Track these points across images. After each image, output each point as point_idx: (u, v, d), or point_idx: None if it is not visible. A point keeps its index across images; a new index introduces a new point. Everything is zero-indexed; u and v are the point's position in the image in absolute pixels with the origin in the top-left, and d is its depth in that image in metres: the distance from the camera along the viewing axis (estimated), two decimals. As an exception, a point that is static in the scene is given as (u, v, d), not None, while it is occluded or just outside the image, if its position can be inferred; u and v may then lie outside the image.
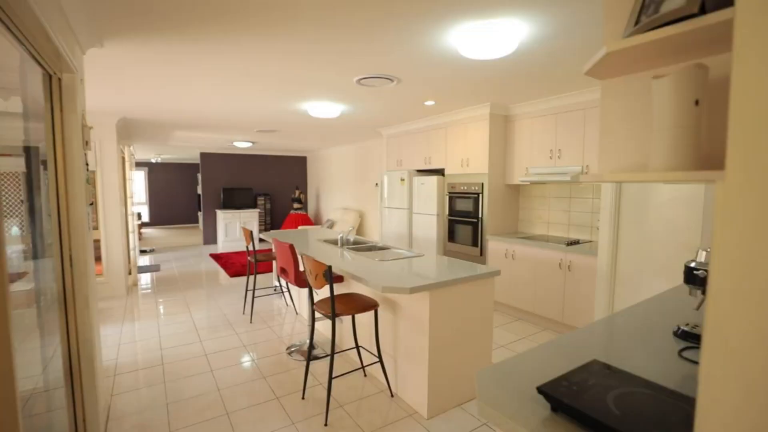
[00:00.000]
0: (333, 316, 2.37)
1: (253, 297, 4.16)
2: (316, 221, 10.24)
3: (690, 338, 1.45)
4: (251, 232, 4.04)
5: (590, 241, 3.89)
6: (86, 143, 2.07)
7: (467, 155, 4.63)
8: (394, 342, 2.67)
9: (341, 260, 2.98)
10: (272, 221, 10.20)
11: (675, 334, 1.50)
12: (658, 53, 0.91)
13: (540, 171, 4.08)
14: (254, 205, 9.79)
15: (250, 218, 9.19)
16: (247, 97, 3.93)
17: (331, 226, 8.35)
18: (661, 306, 1.80)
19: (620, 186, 3.14)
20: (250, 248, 5.30)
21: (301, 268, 3.96)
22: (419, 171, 5.59)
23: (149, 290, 5.40)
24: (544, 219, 4.46)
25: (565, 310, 3.65)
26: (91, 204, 2.32)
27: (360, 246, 3.69)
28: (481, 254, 4.50)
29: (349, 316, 3.21)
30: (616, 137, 1.09)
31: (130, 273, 5.74)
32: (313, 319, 2.80)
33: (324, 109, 4.31)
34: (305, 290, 4.02)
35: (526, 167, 4.26)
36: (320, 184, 10.06)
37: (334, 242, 4.00)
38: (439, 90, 3.69)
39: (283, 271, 3.22)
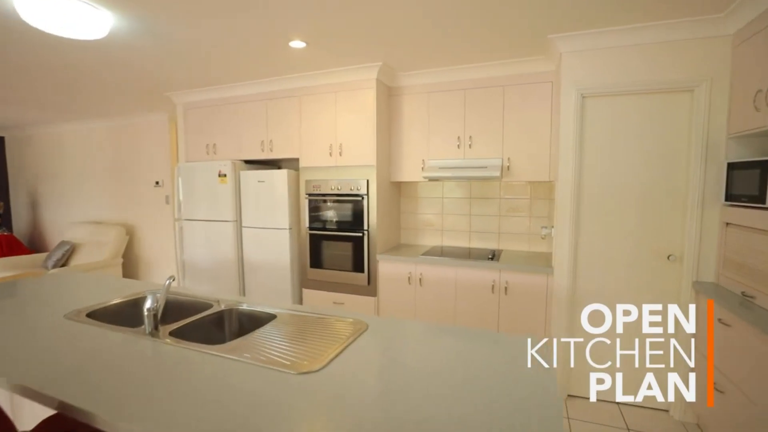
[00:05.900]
0: None
1: None
2: (37, 246, 6.24)
3: None
4: None
5: (502, 251, 3.18)
6: None
7: (339, 139, 3.16)
8: None
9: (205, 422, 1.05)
10: (-74, 253, 5.53)
11: None
12: None
13: (446, 164, 3.07)
14: None
15: None
16: None
17: (70, 253, 5.05)
18: None
19: (581, 182, 2.46)
20: None
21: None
22: (250, 162, 3.68)
23: None
24: (436, 226, 3.51)
25: (502, 346, 2.77)
26: None
27: (195, 320, 1.68)
28: (369, 282, 3.15)
29: None
30: None
31: None
32: None
33: (68, 10, 1.92)
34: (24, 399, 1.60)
35: (423, 159, 3.18)
36: (40, 183, 6.16)
37: (133, 322, 1.73)
38: (325, 20, 2.10)
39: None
